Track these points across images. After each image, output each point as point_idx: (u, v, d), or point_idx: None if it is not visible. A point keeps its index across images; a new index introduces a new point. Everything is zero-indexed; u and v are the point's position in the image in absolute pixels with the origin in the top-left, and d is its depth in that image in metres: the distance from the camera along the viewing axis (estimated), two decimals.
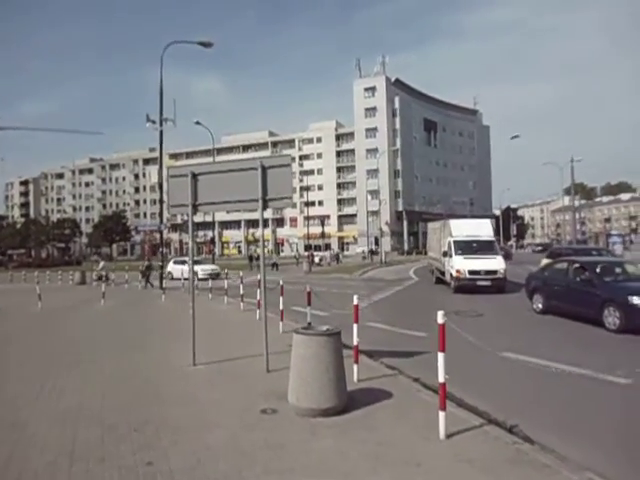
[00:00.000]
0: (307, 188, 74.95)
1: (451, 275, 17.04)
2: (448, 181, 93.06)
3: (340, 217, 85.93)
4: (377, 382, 5.99)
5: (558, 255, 17.97)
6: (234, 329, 10.55)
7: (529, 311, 12.50)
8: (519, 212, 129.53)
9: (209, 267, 28.36)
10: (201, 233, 75.40)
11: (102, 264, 29.63)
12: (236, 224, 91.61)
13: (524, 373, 6.83)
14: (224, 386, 6.00)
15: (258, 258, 38.37)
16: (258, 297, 11.70)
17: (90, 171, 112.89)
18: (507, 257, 18.64)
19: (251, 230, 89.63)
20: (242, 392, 5.69)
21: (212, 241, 49.15)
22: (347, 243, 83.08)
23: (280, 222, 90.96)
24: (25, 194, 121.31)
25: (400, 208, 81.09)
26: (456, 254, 16.99)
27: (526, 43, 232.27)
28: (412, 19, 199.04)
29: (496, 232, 19.03)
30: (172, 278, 26.74)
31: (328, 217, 79.58)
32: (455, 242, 17.47)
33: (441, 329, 4.24)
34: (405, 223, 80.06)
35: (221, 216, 78.72)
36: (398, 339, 9.31)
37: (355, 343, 6.09)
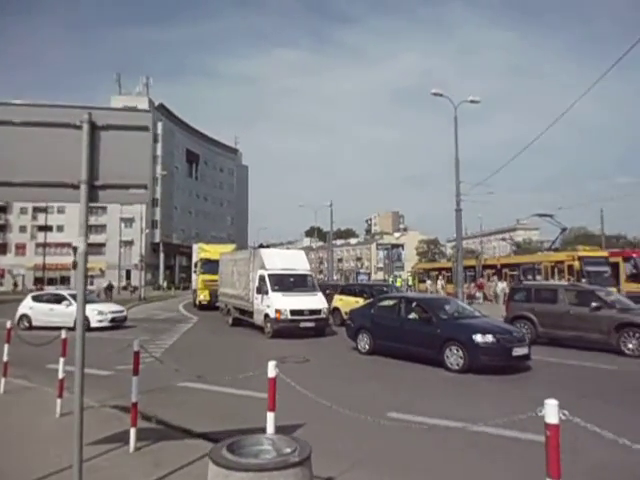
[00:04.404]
0: (45, 209, 62.77)
1: (266, 316, 14.54)
2: (208, 215, 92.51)
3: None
4: None
5: (351, 291, 18.09)
6: None
7: (353, 351, 11.57)
8: None
9: (112, 307, 17.69)
10: None
11: None
12: None
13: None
14: None
15: None
16: None
17: None
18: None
19: None
20: None
21: None
22: (92, 276, 72.08)
23: (2, 248, 73.46)
24: None
25: (157, 239, 75.63)
26: (273, 291, 14.58)
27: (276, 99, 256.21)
28: (177, 51, 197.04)
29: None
30: (30, 327, 16.04)
31: (71, 245, 67.98)
32: (270, 276, 14.94)
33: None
34: (162, 256, 74.70)
35: None
36: (239, 406, 6.75)
37: None
